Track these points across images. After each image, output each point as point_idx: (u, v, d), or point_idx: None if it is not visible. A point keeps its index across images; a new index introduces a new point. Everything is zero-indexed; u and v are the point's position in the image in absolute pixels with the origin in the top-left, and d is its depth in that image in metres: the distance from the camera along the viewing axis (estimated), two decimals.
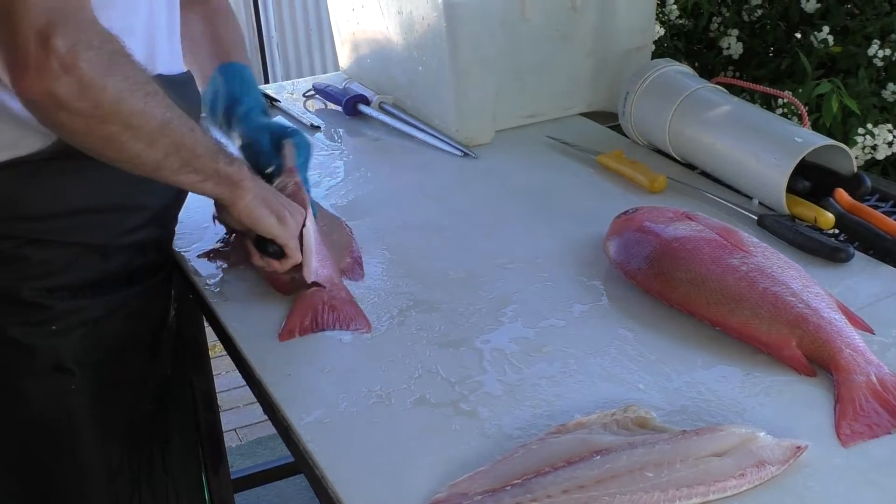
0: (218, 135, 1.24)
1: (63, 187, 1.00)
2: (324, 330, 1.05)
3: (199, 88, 1.24)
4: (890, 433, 0.85)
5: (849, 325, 0.96)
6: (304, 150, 1.19)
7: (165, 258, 1.18)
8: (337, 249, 1.17)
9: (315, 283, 1.08)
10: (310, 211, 1.11)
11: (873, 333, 0.98)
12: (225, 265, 1.19)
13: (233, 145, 1.22)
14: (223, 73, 1.23)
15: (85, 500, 1.11)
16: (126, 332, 1.10)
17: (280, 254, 1.06)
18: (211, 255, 1.22)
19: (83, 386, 1.06)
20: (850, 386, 0.89)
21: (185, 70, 1.15)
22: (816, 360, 0.94)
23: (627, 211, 1.18)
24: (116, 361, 1.09)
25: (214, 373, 1.80)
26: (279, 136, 1.19)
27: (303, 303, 1.07)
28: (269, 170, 1.17)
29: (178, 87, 1.07)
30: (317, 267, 1.09)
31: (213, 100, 1.24)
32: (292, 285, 1.10)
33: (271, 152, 1.18)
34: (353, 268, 1.16)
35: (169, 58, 1.09)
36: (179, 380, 1.23)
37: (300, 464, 0.92)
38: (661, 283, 1.05)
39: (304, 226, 1.09)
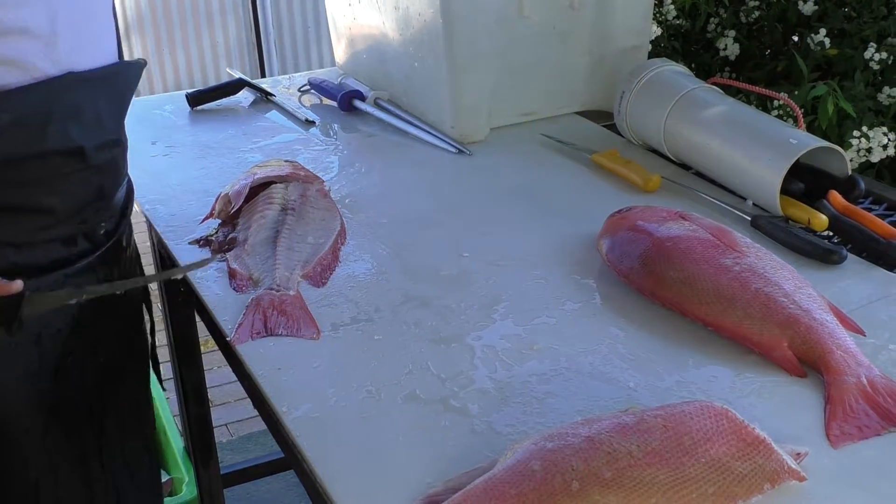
0: None
1: None
2: (273, 335, 1.03)
3: None
4: (879, 435, 0.85)
5: (840, 326, 0.96)
6: None
7: (96, 245, 1.12)
8: (309, 251, 1.16)
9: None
10: None
11: (865, 335, 0.98)
12: (209, 253, 1.21)
13: None
14: None
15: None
16: (36, 318, 1.05)
17: None
18: (200, 241, 1.24)
19: None
20: (841, 387, 0.89)
21: (113, 61, 1.10)
22: (807, 361, 0.94)
23: (621, 210, 1.17)
24: (27, 349, 1.06)
25: (207, 368, 1.80)
26: None
27: (253, 306, 1.07)
28: None
29: (95, 82, 1.05)
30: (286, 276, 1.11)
31: None
32: (246, 286, 1.11)
33: None
34: (318, 275, 1.14)
35: (79, 53, 1.03)
36: (120, 372, 1.18)
37: (289, 458, 0.92)
38: (653, 282, 1.05)
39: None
